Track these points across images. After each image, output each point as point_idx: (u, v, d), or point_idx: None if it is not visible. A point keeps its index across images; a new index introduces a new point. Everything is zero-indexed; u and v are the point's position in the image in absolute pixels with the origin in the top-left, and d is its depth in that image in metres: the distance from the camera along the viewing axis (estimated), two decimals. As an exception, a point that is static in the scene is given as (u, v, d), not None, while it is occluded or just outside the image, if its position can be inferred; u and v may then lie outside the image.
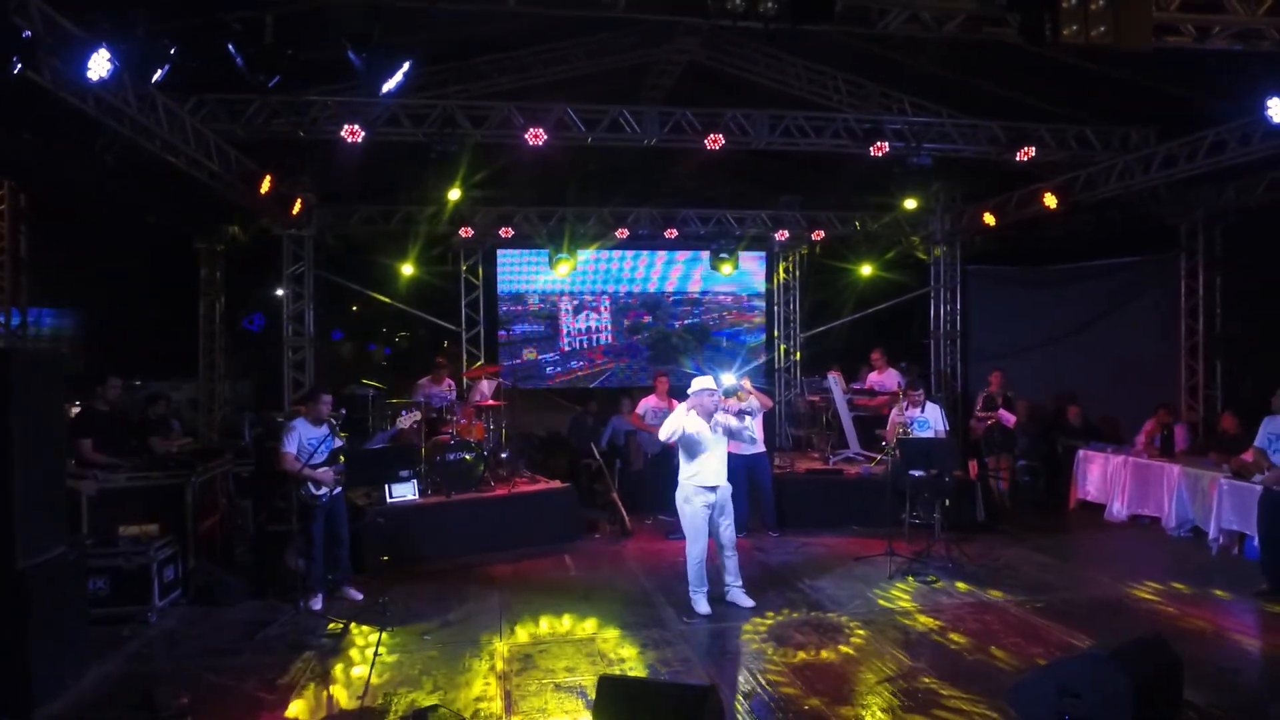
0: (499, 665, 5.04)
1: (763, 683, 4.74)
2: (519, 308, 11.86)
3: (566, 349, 12.00)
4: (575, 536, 8.29)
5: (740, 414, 6.27)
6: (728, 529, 6.17)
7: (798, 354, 12.21)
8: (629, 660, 5.14)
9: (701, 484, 6.03)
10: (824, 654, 5.19)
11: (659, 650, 5.29)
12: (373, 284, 11.34)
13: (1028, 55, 4.72)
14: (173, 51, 4.01)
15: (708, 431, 6.06)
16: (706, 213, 10.94)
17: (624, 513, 8.61)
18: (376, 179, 10.29)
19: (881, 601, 6.20)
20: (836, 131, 7.86)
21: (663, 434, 6.08)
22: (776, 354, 12.27)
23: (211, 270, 12.86)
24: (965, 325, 11.77)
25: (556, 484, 8.61)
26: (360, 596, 6.47)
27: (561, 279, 11.46)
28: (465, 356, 11.23)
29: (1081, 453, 9.66)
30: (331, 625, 5.80)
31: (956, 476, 8.60)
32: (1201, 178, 9.44)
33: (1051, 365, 11.47)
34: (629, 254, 11.95)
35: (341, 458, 6.17)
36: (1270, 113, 5.51)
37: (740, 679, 4.82)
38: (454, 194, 7.65)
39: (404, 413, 7.23)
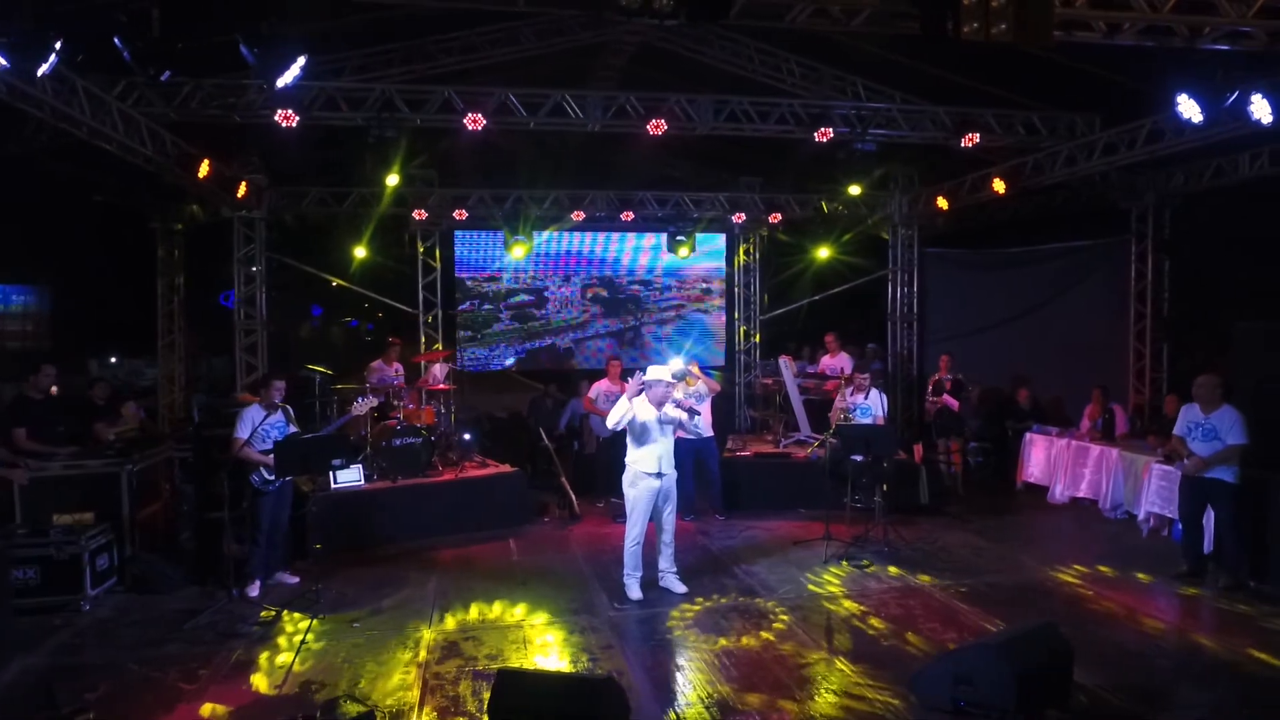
0: (422, 653, 5.11)
1: (680, 670, 4.84)
2: (478, 289, 11.82)
3: (527, 330, 11.99)
4: (524, 520, 8.36)
5: (690, 410, 6.27)
6: (669, 516, 6.25)
7: (757, 336, 12.25)
8: (552, 646, 5.23)
9: (647, 470, 6.08)
10: (745, 640, 5.29)
11: (584, 636, 5.38)
12: (332, 267, 11.26)
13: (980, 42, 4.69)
14: (59, 44, 3.93)
15: (655, 421, 6.09)
16: (664, 195, 10.92)
17: (573, 496, 8.68)
18: (330, 161, 10.19)
19: (812, 587, 6.31)
20: (782, 116, 7.84)
21: (609, 422, 6.11)
22: (737, 336, 12.30)
23: (169, 249, 12.73)
24: (922, 308, 11.86)
25: (506, 468, 8.66)
26: (296, 581, 6.52)
27: (520, 261, 11.42)
28: (424, 339, 11.20)
29: (1027, 435, 9.81)
30: (264, 613, 5.85)
31: (898, 461, 8.76)
32: (1149, 163, 9.54)
33: (1007, 347, 11.59)
34: (589, 235, 11.90)
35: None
36: (1180, 109, 5.54)
37: (658, 666, 4.91)
38: (392, 179, 7.56)
39: (359, 399, 7.22)
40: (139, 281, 12.76)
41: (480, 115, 6.90)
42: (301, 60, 4.97)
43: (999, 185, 8.95)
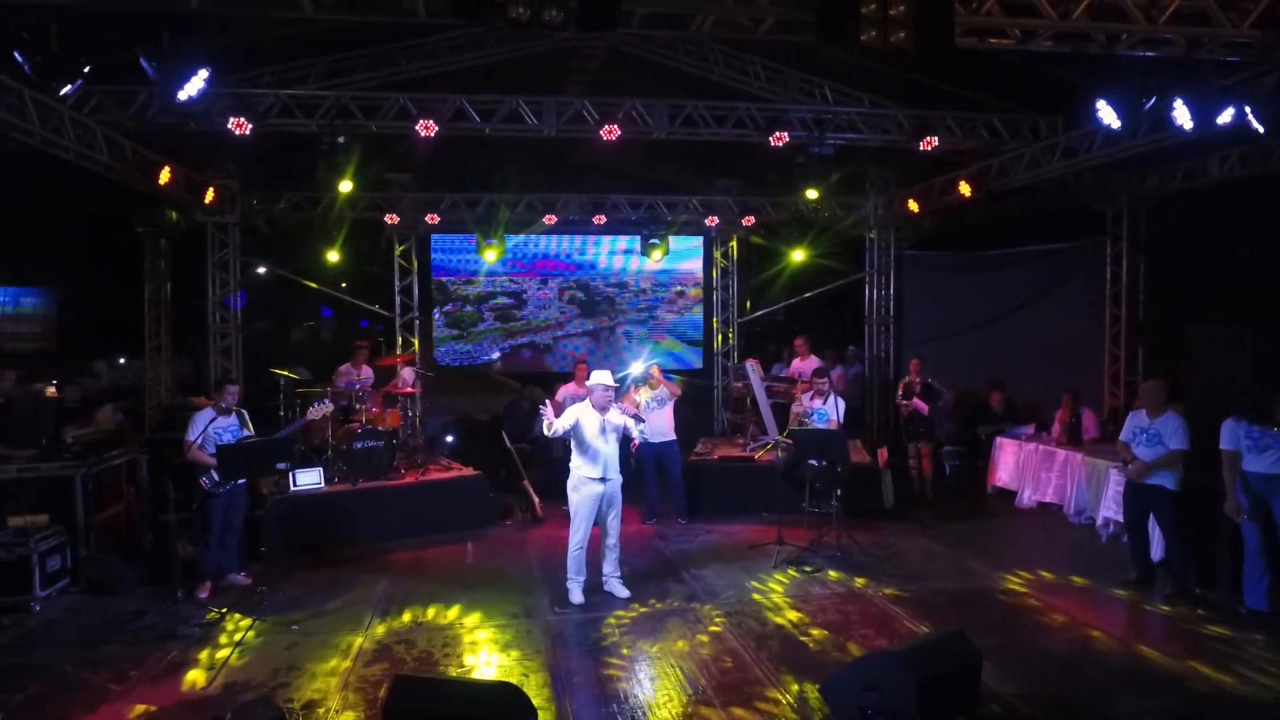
0: (353, 656, 5.17)
1: (600, 676, 4.86)
2: (458, 292, 11.89)
3: (508, 330, 12.05)
4: (486, 523, 8.41)
5: (635, 416, 6.28)
6: (614, 521, 6.26)
7: (733, 337, 12.24)
8: (482, 650, 5.27)
9: (590, 475, 6.11)
10: (676, 645, 5.32)
11: (516, 640, 5.42)
12: (314, 270, 11.37)
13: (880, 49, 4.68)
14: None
15: (598, 427, 6.11)
16: (637, 198, 10.94)
17: (535, 499, 8.73)
18: (299, 166, 10.26)
19: (755, 594, 6.29)
20: (739, 120, 7.84)
21: (548, 428, 6.14)
22: (715, 338, 12.31)
23: (155, 253, 12.91)
24: (900, 310, 11.82)
25: (468, 471, 8.71)
26: (248, 582, 6.60)
27: (496, 263, 11.49)
28: (400, 342, 11.29)
29: (997, 440, 9.76)
30: (210, 615, 5.93)
31: (860, 465, 8.76)
32: (1122, 166, 9.48)
33: (985, 350, 11.53)
34: (566, 238, 11.95)
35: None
36: (1100, 114, 5.50)
37: (583, 672, 4.93)
38: (345, 186, 7.64)
39: (315, 404, 7.30)
40: (139, 284, 12.95)
41: (432, 122, 6.94)
42: (204, 73, 5.04)
43: (964, 188, 8.92)
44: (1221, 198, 9.01)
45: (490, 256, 10.58)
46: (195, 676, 4.93)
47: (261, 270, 11.40)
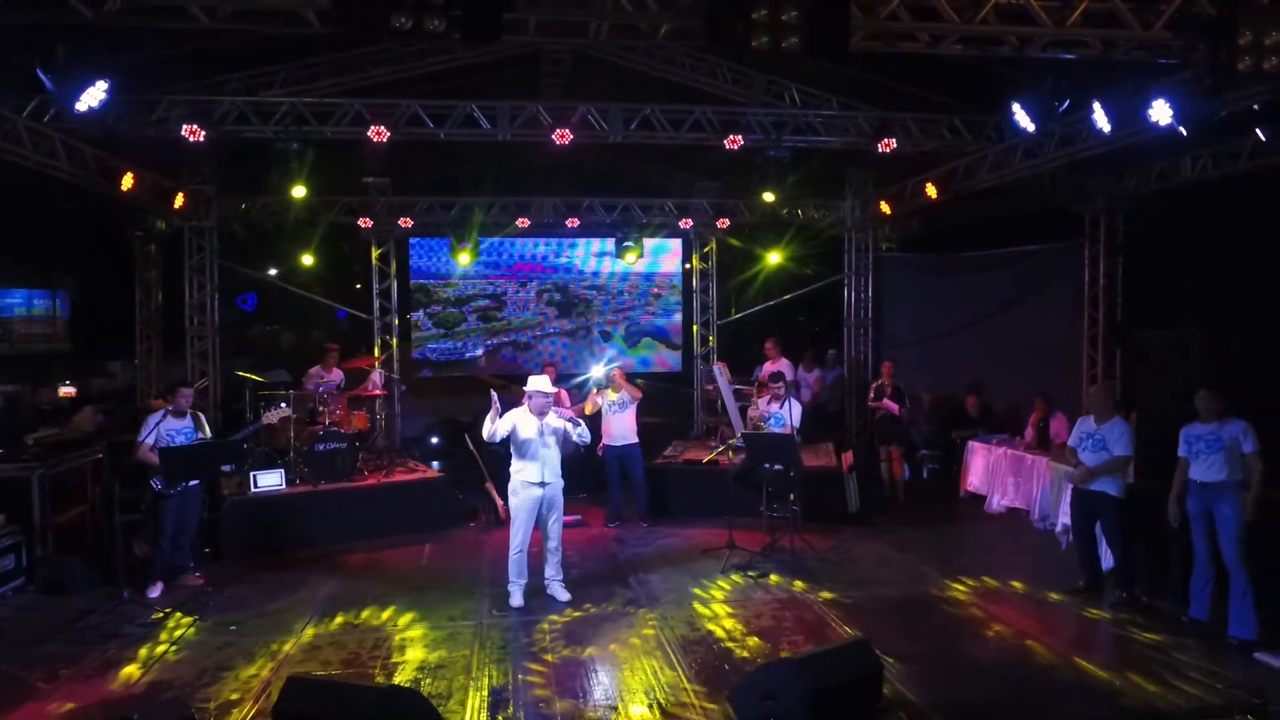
0: (281, 657, 5.23)
1: (520, 682, 4.85)
2: (437, 294, 11.98)
3: (490, 329, 12.12)
4: (448, 525, 8.47)
5: (572, 419, 6.31)
6: (554, 525, 6.29)
7: (712, 339, 12.21)
8: (407, 652, 5.31)
9: (529, 480, 6.14)
10: (604, 650, 5.32)
11: (444, 644, 5.46)
12: (289, 274, 11.51)
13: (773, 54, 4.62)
14: None
15: (536, 431, 6.15)
16: (611, 200, 10.96)
17: (498, 501, 8.75)
18: (279, 170, 10.37)
19: (695, 599, 6.27)
20: (696, 124, 7.82)
21: (485, 432, 6.18)
22: (694, 341, 12.28)
23: (144, 258, 13.13)
24: (879, 312, 11.74)
25: (432, 473, 8.79)
26: (201, 583, 6.70)
27: (473, 266, 11.58)
28: (379, 344, 11.39)
29: (969, 444, 9.67)
30: (155, 614, 6.03)
31: (822, 469, 8.73)
32: (1098, 166, 9.35)
33: (966, 353, 11.42)
34: (544, 241, 11.99)
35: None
36: (1015, 116, 5.42)
37: (502, 676, 4.95)
38: (299, 191, 7.73)
39: (272, 408, 7.42)
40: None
41: (384, 128, 7.01)
42: (103, 84, 5.13)
43: (931, 190, 8.85)
44: (1197, 198, 8.87)
45: (464, 260, 10.64)
46: (124, 675, 5.02)
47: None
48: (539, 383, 6.23)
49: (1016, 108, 5.32)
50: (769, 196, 8.26)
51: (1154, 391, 6.37)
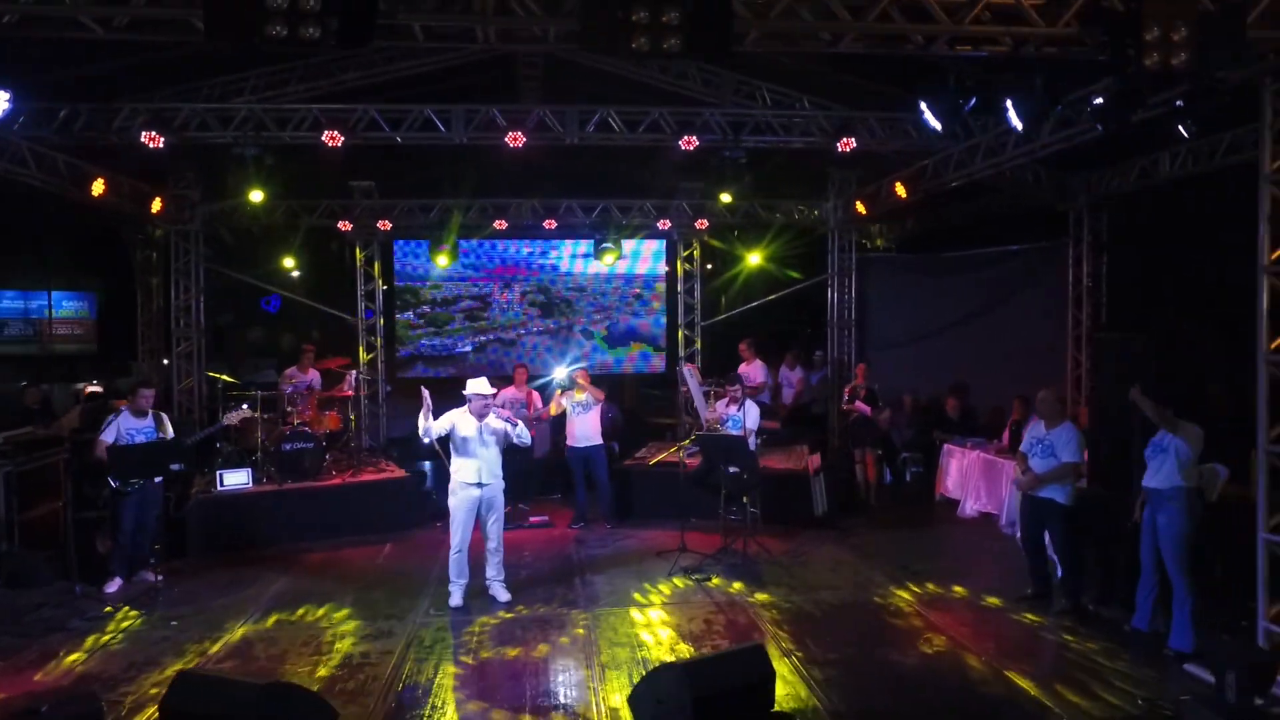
0: (210, 653, 5.33)
1: (434, 684, 4.87)
2: (421, 296, 12.10)
3: (477, 328, 12.21)
4: (414, 525, 8.53)
5: (510, 420, 6.34)
6: (494, 525, 6.32)
7: (697, 340, 12.16)
8: (334, 650, 5.37)
9: (466, 480, 6.19)
10: (528, 652, 5.34)
11: (374, 640, 5.53)
12: (274, 276, 11.71)
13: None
14: None
15: (474, 432, 6.19)
16: (590, 202, 10.97)
17: (464, 502, 8.82)
18: (260, 174, 10.56)
19: (634, 605, 6.22)
20: (652, 125, 7.80)
21: (420, 429, 6.24)
22: (679, 342, 12.24)
23: (147, 262, 13.49)
24: (863, 313, 11.60)
25: (399, 473, 8.86)
26: (159, 579, 6.84)
27: (459, 268, 11.68)
28: (363, 345, 11.55)
29: (945, 447, 9.52)
30: (106, 609, 6.18)
31: (789, 472, 8.65)
32: (1079, 164, 9.16)
33: (950, 354, 11.25)
34: (528, 242, 12.05)
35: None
36: (924, 115, 5.31)
37: (417, 674, 4.99)
38: (256, 195, 7.86)
39: (231, 410, 7.56)
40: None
41: (338, 133, 7.11)
42: (4, 95, 5.26)
43: (900, 190, 8.73)
44: (1178, 196, 8.63)
45: (441, 261, 10.73)
46: (56, 668, 5.15)
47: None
48: (477, 385, 6.28)
49: (924, 106, 5.23)
50: (726, 198, 8.20)
51: (1106, 396, 6.20)
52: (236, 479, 8.01)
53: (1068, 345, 10.02)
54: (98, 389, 12.64)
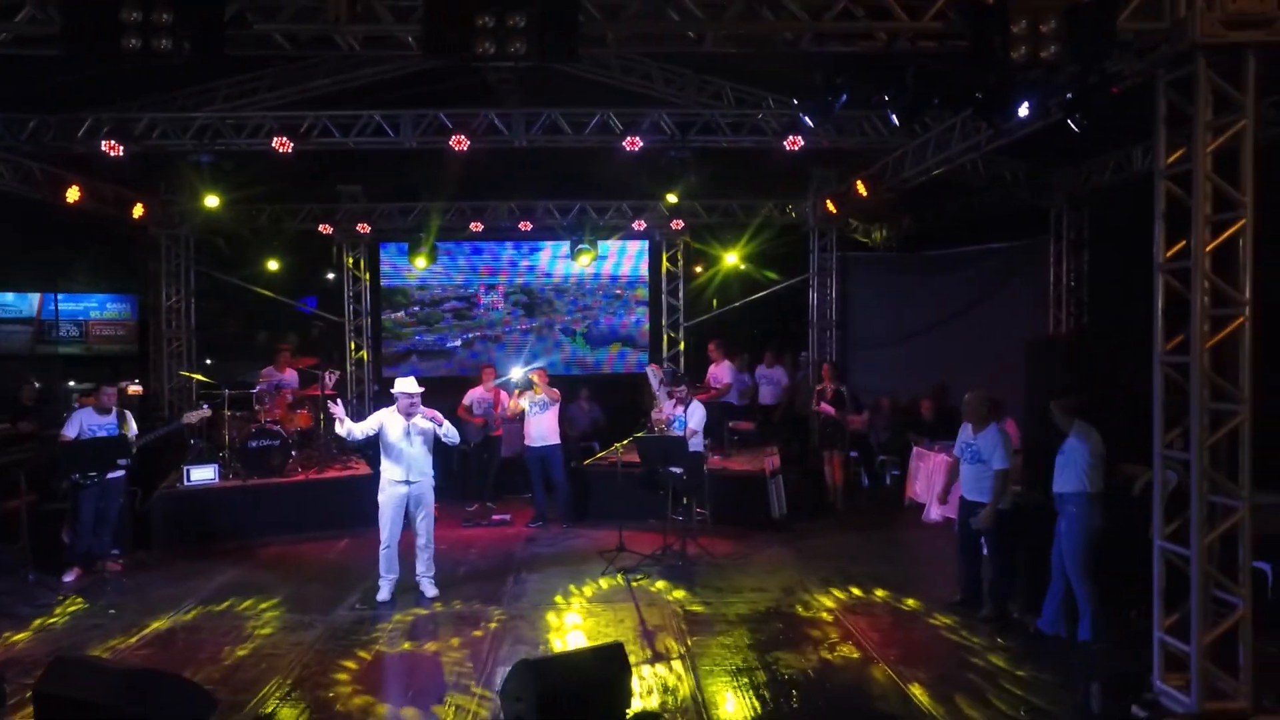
0: (130, 640, 5.54)
1: (325, 675, 4.96)
2: (410, 297, 12.35)
3: (461, 328, 12.41)
4: (376, 521, 8.67)
5: (434, 419, 6.44)
6: (422, 522, 6.44)
7: (681, 341, 12.14)
8: (248, 641, 5.51)
9: (394, 478, 6.32)
10: (430, 647, 5.43)
11: (292, 630, 5.69)
12: (264, 277, 12.07)
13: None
14: None
15: (402, 430, 6.31)
16: (566, 203, 11.05)
17: (427, 499, 8.96)
18: (249, 179, 10.90)
19: (552, 607, 6.23)
20: (602, 126, 7.84)
21: (343, 430, 6.38)
22: (663, 342, 12.24)
23: (156, 260, 14.02)
24: (845, 313, 11.44)
25: (364, 470, 9.04)
26: (118, 569, 7.14)
27: (446, 270, 11.92)
28: (352, 346, 11.83)
29: (914, 449, 9.33)
30: (59, 597, 6.46)
31: (748, 474, 8.59)
32: (1058, 160, 8.90)
33: (932, 355, 11.01)
34: (512, 244, 12.19)
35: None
36: (802, 114, 5.20)
37: (310, 665, 5.11)
38: (211, 201, 8.12)
39: (191, 410, 7.84)
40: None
41: (287, 139, 7.31)
42: None
43: (861, 188, 8.60)
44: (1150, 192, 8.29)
45: (420, 263, 10.92)
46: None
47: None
48: (404, 384, 6.39)
49: (798, 103, 5.14)
50: (672, 198, 8.18)
51: (1033, 400, 6.04)
52: (203, 474, 8.29)
53: (1049, 346, 9.72)
54: (139, 389, 13.21)
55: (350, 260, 11.76)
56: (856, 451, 10.26)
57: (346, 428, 6.23)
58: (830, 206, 9.78)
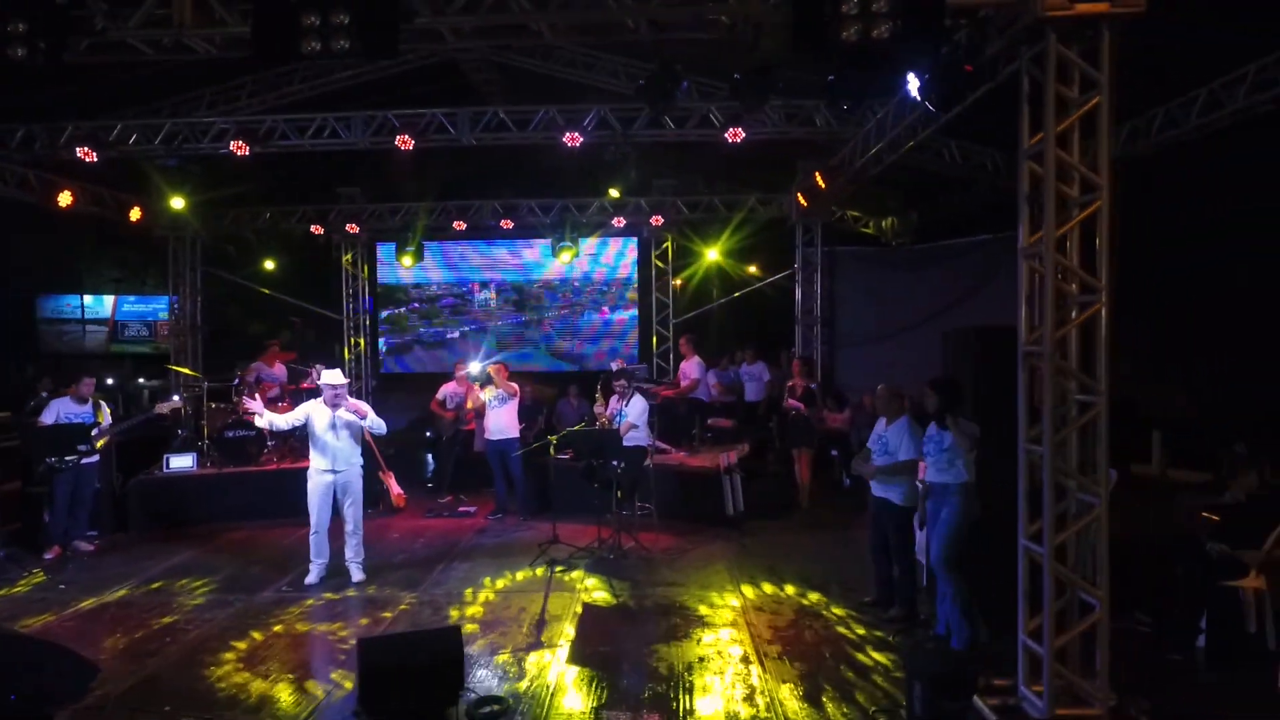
0: (63, 614, 5.90)
1: (215, 657, 5.13)
2: (410, 294, 12.72)
3: (458, 321, 12.72)
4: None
5: (357, 410, 6.64)
6: (349, 509, 6.65)
7: (670, 337, 12.10)
8: (169, 617, 5.81)
9: (320, 467, 6.56)
10: (327, 628, 5.62)
11: (212, 609, 5.98)
12: (267, 277, 12.63)
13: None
14: None
15: (327, 422, 6.54)
16: (547, 202, 11.18)
17: (393, 490, 9.19)
18: (247, 184, 11.43)
19: (460, 596, 6.31)
20: (545, 123, 7.92)
21: (265, 421, 6.65)
22: (652, 339, 12.25)
23: (179, 262, 14.82)
24: (832, 309, 11.20)
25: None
26: (91, 549, 7.62)
27: (442, 268, 12.24)
28: (349, 342, 12.26)
29: (883, 448, 9.05)
30: (27, 572, 6.95)
31: (702, 470, 8.52)
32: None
33: (920, 350, 10.66)
34: (504, 242, 12.42)
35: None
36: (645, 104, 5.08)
37: (207, 640, 5.37)
38: (177, 203, 8.54)
39: (163, 401, 8.30)
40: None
41: (244, 142, 7.65)
42: None
43: (819, 180, 8.42)
44: (1125, 176, 7.87)
45: (406, 262, 11.24)
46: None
47: None
48: (330, 377, 6.61)
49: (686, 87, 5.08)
50: (614, 193, 8.18)
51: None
52: (182, 462, 8.75)
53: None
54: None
55: (347, 258, 12.19)
56: (837, 450, 10.04)
57: (267, 419, 6.49)
58: (801, 200, 9.60)
